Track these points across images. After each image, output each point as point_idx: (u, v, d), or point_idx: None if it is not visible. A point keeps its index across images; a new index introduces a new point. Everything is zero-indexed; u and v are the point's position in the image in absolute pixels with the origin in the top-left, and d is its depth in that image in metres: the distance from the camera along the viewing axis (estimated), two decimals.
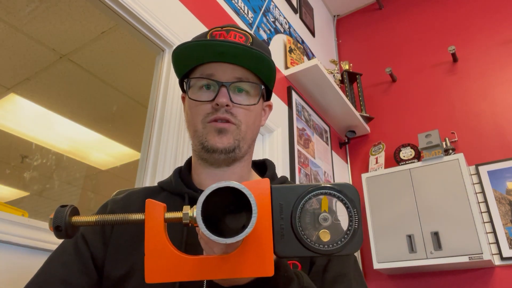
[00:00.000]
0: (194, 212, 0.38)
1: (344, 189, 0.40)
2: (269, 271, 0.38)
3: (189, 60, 0.71)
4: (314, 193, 0.40)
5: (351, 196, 0.40)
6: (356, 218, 0.39)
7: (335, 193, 0.40)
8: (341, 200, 0.39)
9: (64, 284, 0.61)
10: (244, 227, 0.37)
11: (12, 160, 3.56)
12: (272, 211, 0.39)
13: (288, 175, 2.04)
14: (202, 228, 0.34)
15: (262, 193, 0.40)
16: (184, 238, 0.63)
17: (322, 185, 0.40)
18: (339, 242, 0.38)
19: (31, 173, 3.51)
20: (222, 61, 0.69)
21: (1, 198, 3.81)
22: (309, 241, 0.39)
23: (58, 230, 0.39)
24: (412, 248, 2.22)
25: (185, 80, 0.73)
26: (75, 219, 0.40)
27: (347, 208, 0.39)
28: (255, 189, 0.40)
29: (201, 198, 0.35)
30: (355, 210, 0.39)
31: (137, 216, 0.40)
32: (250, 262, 0.38)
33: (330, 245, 0.38)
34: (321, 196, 0.40)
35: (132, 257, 0.63)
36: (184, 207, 0.40)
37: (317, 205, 0.39)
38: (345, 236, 0.39)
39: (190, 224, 0.39)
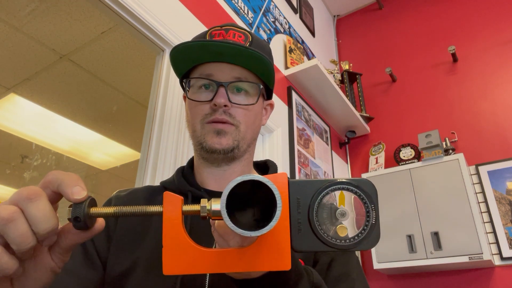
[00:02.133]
0: (212, 205, 0.38)
1: (362, 184, 0.40)
2: (287, 265, 0.38)
3: (188, 60, 0.71)
4: (331, 188, 0.40)
5: (368, 191, 0.40)
6: (374, 214, 0.39)
7: (353, 188, 0.40)
8: (359, 195, 0.39)
9: (69, 274, 0.61)
10: (257, 220, 0.38)
11: (12, 160, 3.56)
12: (290, 205, 0.40)
13: (288, 175, 2.04)
14: (227, 222, 0.34)
15: (279, 187, 0.40)
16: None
17: (340, 180, 0.40)
18: (356, 238, 0.39)
19: (31, 173, 3.51)
20: (220, 61, 0.69)
21: (1, 198, 3.81)
22: (326, 235, 0.39)
23: (76, 221, 0.39)
24: (412, 248, 2.22)
25: (184, 80, 0.73)
26: (94, 210, 0.40)
27: (364, 203, 0.39)
28: (273, 181, 0.40)
29: (226, 192, 0.35)
30: (372, 205, 0.39)
31: (155, 208, 0.40)
32: (267, 256, 0.38)
33: (348, 240, 0.39)
34: (339, 191, 0.40)
35: (135, 252, 0.63)
36: (201, 200, 0.40)
37: (334, 200, 0.40)
38: (362, 231, 0.39)
39: (207, 217, 0.40)
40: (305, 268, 0.51)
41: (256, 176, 0.35)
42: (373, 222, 0.39)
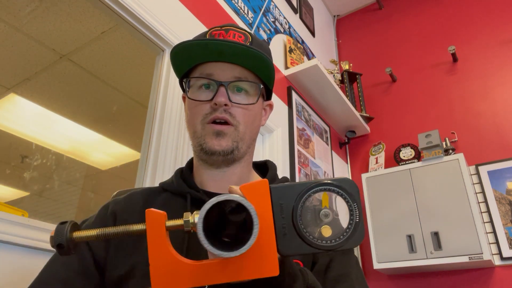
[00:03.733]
0: (195, 218, 0.38)
1: (343, 184, 0.40)
2: (274, 271, 0.38)
3: (188, 59, 0.71)
4: (313, 190, 0.40)
5: (350, 191, 0.40)
6: (357, 212, 0.39)
7: (334, 188, 0.40)
8: (341, 195, 0.39)
9: (65, 285, 0.61)
10: (238, 237, 0.37)
11: (12, 160, 3.56)
12: (273, 211, 0.40)
13: (288, 175, 2.04)
14: (204, 244, 0.34)
15: (261, 194, 0.40)
16: (185, 244, 0.63)
17: (321, 181, 0.40)
18: (341, 237, 0.39)
19: (31, 173, 3.51)
20: (221, 61, 0.69)
21: (1, 198, 3.81)
22: (312, 238, 0.39)
23: (60, 247, 0.39)
24: (412, 248, 2.22)
25: (184, 80, 0.73)
26: (76, 234, 0.40)
27: (347, 202, 0.39)
28: (254, 190, 0.40)
29: (201, 214, 0.35)
30: (355, 204, 0.39)
31: (138, 227, 0.40)
32: (254, 264, 0.38)
33: (332, 241, 0.39)
34: (321, 192, 0.40)
35: (133, 257, 0.63)
36: (184, 214, 0.40)
37: (317, 202, 0.40)
38: (347, 230, 0.39)
39: (191, 231, 0.39)
40: (300, 269, 0.51)
41: (232, 196, 0.35)
42: (357, 220, 0.39)
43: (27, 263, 0.92)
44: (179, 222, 0.40)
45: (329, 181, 0.40)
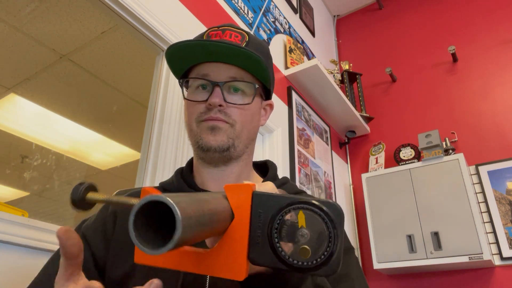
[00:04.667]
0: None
1: (327, 208, 0.38)
2: (240, 275, 0.38)
3: (184, 60, 0.71)
4: (294, 206, 0.38)
5: (332, 215, 0.38)
6: (336, 240, 0.37)
7: (316, 210, 0.38)
8: (322, 219, 0.37)
9: None
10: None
11: (12, 160, 3.56)
12: (251, 217, 0.39)
13: (288, 175, 2.04)
14: (132, 237, 0.32)
15: (243, 197, 0.40)
16: None
17: (305, 200, 0.38)
18: (314, 262, 0.37)
19: (31, 173, 3.51)
20: (216, 61, 0.69)
21: (1, 198, 3.81)
22: (284, 254, 0.37)
23: (73, 203, 0.43)
24: (412, 248, 2.22)
25: (180, 81, 0.73)
26: (90, 195, 0.44)
27: (327, 228, 0.37)
28: (237, 192, 0.40)
29: (133, 213, 0.33)
30: (335, 230, 0.37)
31: (136, 201, 0.41)
32: (224, 263, 0.38)
33: (305, 263, 0.37)
34: (302, 210, 0.38)
35: (133, 257, 0.62)
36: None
37: (296, 220, 0.38)
38: (322, 256, 0.37)
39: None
40: None
41: (157, 196, 0.32)
42: (334, 249, 0.37)
43: (27, 263, 0.92)
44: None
45: (313, 201, 0.38)
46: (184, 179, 0.73)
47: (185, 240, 0.32)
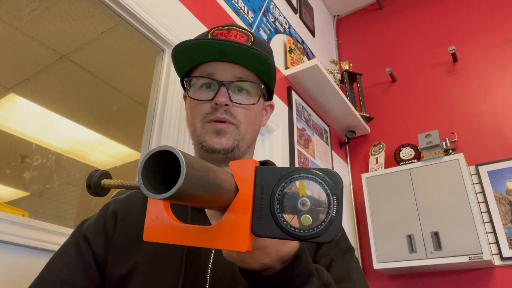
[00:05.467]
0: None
1: (326, 175, 0.39)
2: (243, 246, 0.39)
3: (190, 58, 0.71)
4: (295, 176, 0.40)
5: (332, 183, 0.39)
6: (335, 207, 0.38)
7: (317, 178, 0.39)
8: (322, 186, 0.39)
9: (65, 285, 0.61)
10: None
11: (12, 160, 3.55)
12: (254, 190, 0.40)
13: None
14: (140, 186, 0.34)
15: (247, 171, 0.41)
16: (189, 216, 0.65)
17: (305, 169, 0.40)
18: (315, 229, 0.38)
19: (31, 173, 3.51)
20: (222, 60, 0.69)
21: (1, 198, 3.81)
22: (286, 224, 0.39)
23: (89, 188, 0.47)
24: (412, 248, 2.22)
25: (185, 79, 0.73)
26: (104, 181, 0.47)
27: (327, 195, 0.39)
28: (241, 167, 0.41)
29: (142, 161, 0.35)
30: (334, 197, 0.39)
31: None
32: (227, 236, 0.39)
33: (306, 231, 0.38)
34: (302, 180, 0.39)
35: (134, 257, 0.62)
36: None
37: (297, 189, 0.39)
38: (322, 223, 0.38)
39: None
40: (316, 267, 0.51)
41: (166, 146, 0.34)
42: (334, 215, 0.38)
43: (27, 263, 0.92)
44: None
45: (312, 170, 0.40)
46: None
47: (188, 192, 0.33)
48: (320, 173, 0.39)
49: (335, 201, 0.38)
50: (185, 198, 0.34)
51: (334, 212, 0.38)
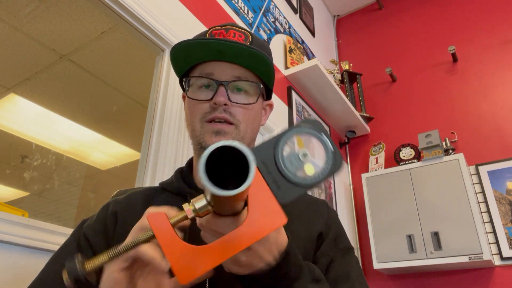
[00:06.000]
0: (195, 204, 0.40)
1: (309, 123, 0.43)
2: (283, 219, 0.41)
3: (188, 58, 0.71)
4: (284, 137, 0.42)
5: (314, 126, 0.42)
6: (329, 141, 0.42)
7: (302, 128, 0.42)
8: (309, 133, 0.42)
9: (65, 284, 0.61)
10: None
11: (12, 160, 3.55)
12: (260, 170, 0.41)
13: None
14: (209, 186, 0.34)
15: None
16: (187, 230, 0.64)
17: (289, 129, 0.43)
18: (325, 169, 0.41)
19: (31, 173, 3.51)
20: (221, 60, 0.69)
21: (1, 198, 3.81)
22: (302, 179, 0.41)
23: (78, 282, 0.40)
24: (412, 248, 2.22)
25: (184, 79, 0.73)
26: (89, 264, 0.41)
27: (317, 138, 0.42)
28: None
29: (202, 160, 0.35)
30: (321, 133, 0.42)
31: (146, 234, 0.41)
32: (263, 221, 0.40)
33: (320, 174, 0.41)
34: (291, 138, 0.42)
35: None
36: (183, 205, 0.41)
37: (293, 147, 0.42)
38: (327, 160, 0.41)
39: (196, 216, 0.41)
40: (307, 263, 0.52)
41: (228, 141, 0.35)
42: (332, 149, 0.42)
43: (27, 263, 0.92)
44: (181, 214, 0.41)
45: (295, 126, 0.43)
46: (184, 179, 0.73)
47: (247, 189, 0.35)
48: (302, 125, 0.42)
49: (325, 137, 0.42)
50: (242, 197, 0.36)
51: (332, 146, 0.42)
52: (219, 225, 0.42)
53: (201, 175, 0.33)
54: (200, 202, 0.40)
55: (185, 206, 0.41)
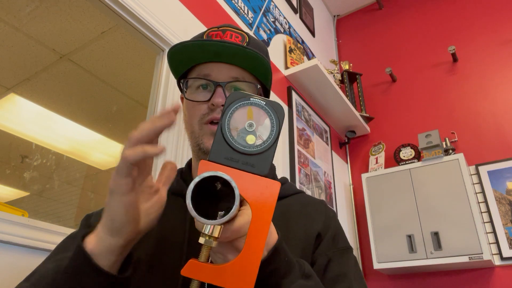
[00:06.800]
0: (206, 231, 0.41)
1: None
2: (277, 184, 0.44)
3: (186, 60, 0.71)
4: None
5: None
6: (258, 99, 0.44)
7: (260, 104, 0.44)
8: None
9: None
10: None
11: (12, 160, 3.55)
12: (229, 165, 0.43)
13: (288, 175, 2.05)
14: (192, 213, 0.37)
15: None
16: (187, 235, 0.64)
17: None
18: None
19: (31, 173, 3.51)
20: (218, 61, 0.69)
21: (1, 198, 3.81)
22: (261, 145, 0.43)
23: None
24: (412, 248, 2.22)
25: (182, 81, 0.73)
26: None
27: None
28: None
29: (188, 195, 0.38)
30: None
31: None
32: (263, 198, 0.43)
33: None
34: (251, 106, 0.44)
35: (136, 252, 0.63)
36: (200, 239, 0.42)
37: (245, 115, 0.44)
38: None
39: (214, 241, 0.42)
40: (297, 260, 0.52)
41: (217, 172, 0.39)
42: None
43: (27, 263, 0.92)
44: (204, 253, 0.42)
45: (258, 98, 0.44)
46: (184, 180, 0.73)
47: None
48: (263, 102, 0.44)
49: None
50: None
51: (263, 100, 0.44)
52: (223, 248, 0.45)
53: (189, 209, 0.37)
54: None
55: (201, 240, 0.42)
